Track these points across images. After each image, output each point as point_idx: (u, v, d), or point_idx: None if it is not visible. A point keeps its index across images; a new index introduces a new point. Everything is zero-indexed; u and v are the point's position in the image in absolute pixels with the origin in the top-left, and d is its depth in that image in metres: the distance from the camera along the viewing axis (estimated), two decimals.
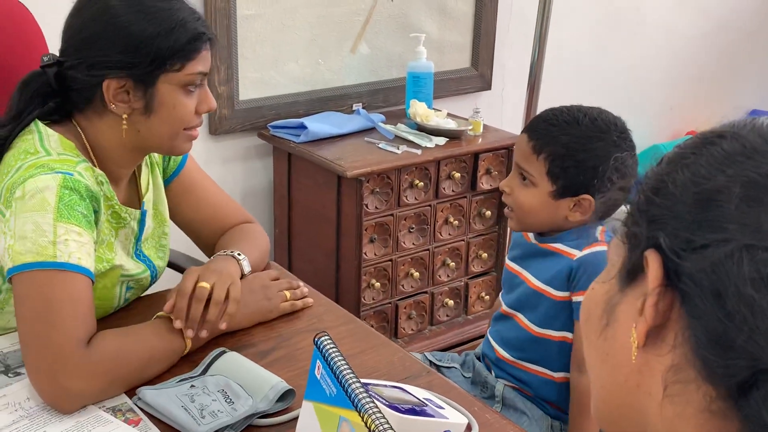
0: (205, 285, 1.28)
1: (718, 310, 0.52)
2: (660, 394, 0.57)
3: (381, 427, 0.84)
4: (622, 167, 1.46)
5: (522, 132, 1.53)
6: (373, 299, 2.38)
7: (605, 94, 3.34)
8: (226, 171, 2.49)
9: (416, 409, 1.07)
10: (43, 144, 1.26)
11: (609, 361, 0.62)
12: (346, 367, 0.93)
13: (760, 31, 3.88)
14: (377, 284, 2.36)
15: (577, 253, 1.48)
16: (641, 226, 0.59)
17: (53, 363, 1.13)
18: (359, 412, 0.87)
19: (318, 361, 0.97)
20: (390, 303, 2.44)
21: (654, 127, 3.71)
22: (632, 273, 0.60)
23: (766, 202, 0.52)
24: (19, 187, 1.19)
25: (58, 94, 1.30)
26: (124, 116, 1.28)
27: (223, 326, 1.30)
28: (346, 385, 0.91)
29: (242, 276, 1.40)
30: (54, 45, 1.58)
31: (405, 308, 2.47)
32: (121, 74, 1.24)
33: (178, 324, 1.25)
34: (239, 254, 1.42)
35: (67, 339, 1.14)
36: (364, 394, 0.89)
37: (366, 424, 0.86)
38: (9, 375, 1.22)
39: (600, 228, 1.51)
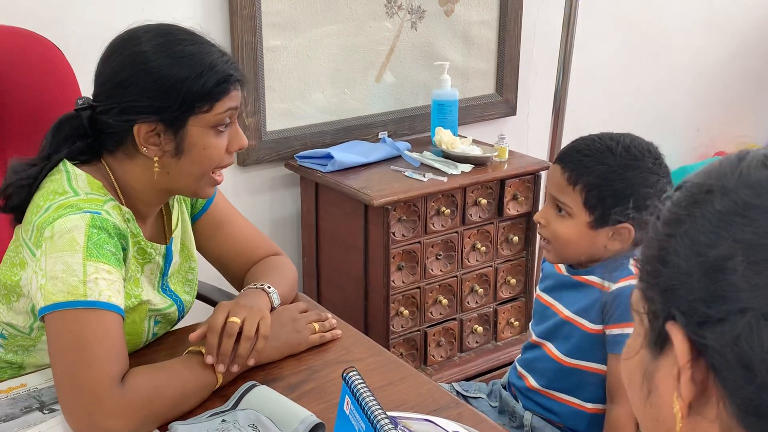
0: (236, 320, 1.29)
1: (750, 381, 0.51)
2: None
3: None
4: (660, 194, 1.45)
5: (554, 163, 1.52)
6: (402, 327, 2.38)
7: (631, 117, 3.34)
8: (254, 201, 2.52)
9: None
10: (71, 184, 1.28)
11: (660, 428, 0.61)
12: (374, 402, 0.93)
13: None
14: (406, 312, 2.36)
15: (612, 286, 1.47)
16: (656, 298, 0.58)
17: (88, 402, 1.15)
18: None
19: (347, 396, 0.98)
20: (419, 330, 2.44)
21: (682, 149, 3.69)
22: (659, 343, 0.59)
23: None
24: (48, 227, 1.21)
25: (90, 136, 1.33)
26: (155, 158, 1.30)
27: (251, 362, 1.32)
28: (374, 422, 0.91)
29: (272, 309, 1.41)
30: (84, 84, 1.61)
31: (434, 335, 2.47)
32: (152, 118, 1.27)
33: (209, 360, 1.26)
34: (269, 287, 1.43)
35: (101, 378, 1.16)
36: (393, 431, 0.89)
37: None
38: (44, 411, 1.24)
39: (633, 259, 1.49)
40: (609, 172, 1.44)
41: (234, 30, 2.31)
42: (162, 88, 1.25)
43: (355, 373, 0.98)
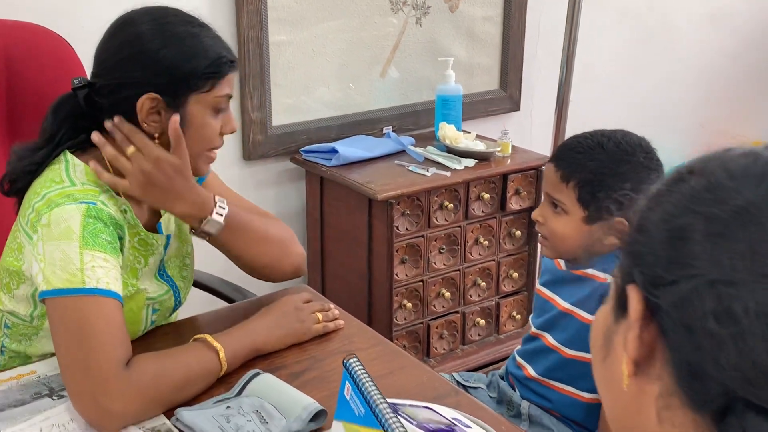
0: None
1: (689, 342, 0.55)
2: (656, 420, 0.60)
3: None
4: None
5: (549, 161, 1.55)
6: (405, 319, 2.41)
7: (635, 113, 3.35)
8: (259, 195, 2.54)
9: (444, 429, 1.10)
10: (69, 174, 1.31)
11: (613, 388, 0.65)
12: (374, 388, 0.96)
13: None
14: (409, 305, 2.39)
15: (608, 277, 1.49)
16: (624, 263, 0.62)
17: (94, 386, 1.18)
18: None
19: (347, 382, 1.01)
20: (422, 323, 2.47)
21: (685, 145, 3.69)
22: (622, 306, 0.63)
23: (728, 236, 0.55)
24: (45, 214, 1.24)
25: (88, 116, 1.35)
26: (156, 135, 1.33)
27: None
28: (373, 406, 0.94)
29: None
30: None
31: (437, 328, 2.50)
32: (153, 95, 1.30)
33: None
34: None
35: (106, 361, 1.18)
36: (391, 414, 0.92)
37: None
38: (53, 398, 1.27)
39: None
40: (600, 167, 1.47)
41: (240, 25, 2.34)
42: (161, 66, 1.29)
43: (355, 360, 1.01)
